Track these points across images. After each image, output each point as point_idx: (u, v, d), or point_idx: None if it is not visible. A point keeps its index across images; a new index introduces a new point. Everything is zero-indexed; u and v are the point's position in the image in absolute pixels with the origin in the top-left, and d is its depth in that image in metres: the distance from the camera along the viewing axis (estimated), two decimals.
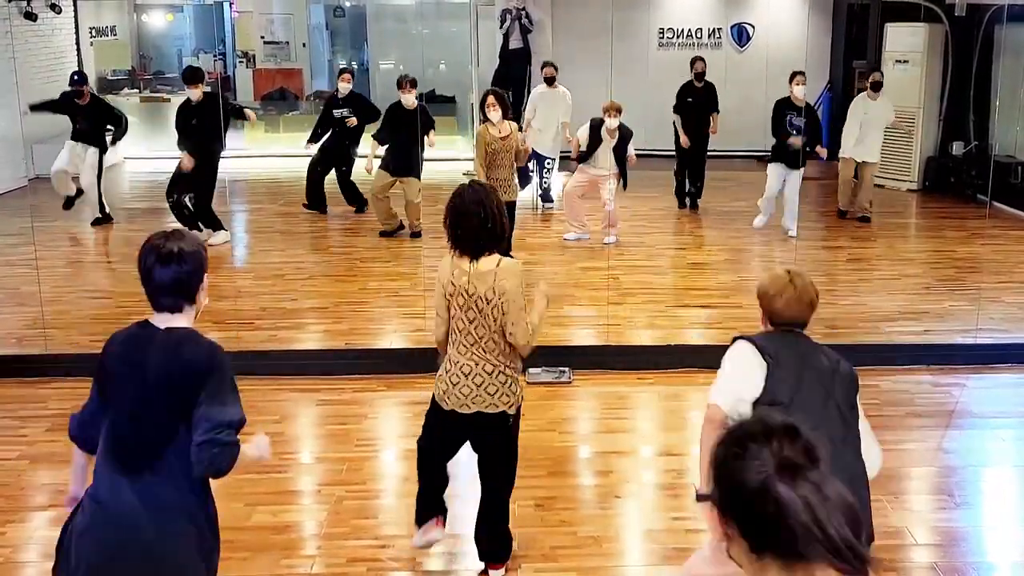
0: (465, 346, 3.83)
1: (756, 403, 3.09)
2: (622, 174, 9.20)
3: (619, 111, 9.05)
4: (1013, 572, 4.34)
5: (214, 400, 2.72)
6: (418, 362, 4.09)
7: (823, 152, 9.96)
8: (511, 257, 4.11)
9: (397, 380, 6.14)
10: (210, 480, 2.83)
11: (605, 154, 9.16)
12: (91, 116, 9.72)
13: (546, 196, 10.73)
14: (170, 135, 9.59)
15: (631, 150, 9.21)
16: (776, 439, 1.59)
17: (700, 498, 2.26)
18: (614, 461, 5.27)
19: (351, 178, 10.41)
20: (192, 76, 9.22)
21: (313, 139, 10.30)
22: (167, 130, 9.57)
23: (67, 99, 9.70)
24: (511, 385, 3.87)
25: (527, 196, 10.57)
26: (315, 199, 10.42)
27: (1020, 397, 6.18)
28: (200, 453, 2.70)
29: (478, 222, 3.73)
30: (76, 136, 9.78)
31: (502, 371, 3.83)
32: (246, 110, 10.02)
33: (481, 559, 4.19)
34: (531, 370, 6.22)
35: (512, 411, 3.90)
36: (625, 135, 9.12)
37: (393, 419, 5.92)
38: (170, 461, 2.74)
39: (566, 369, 6.32)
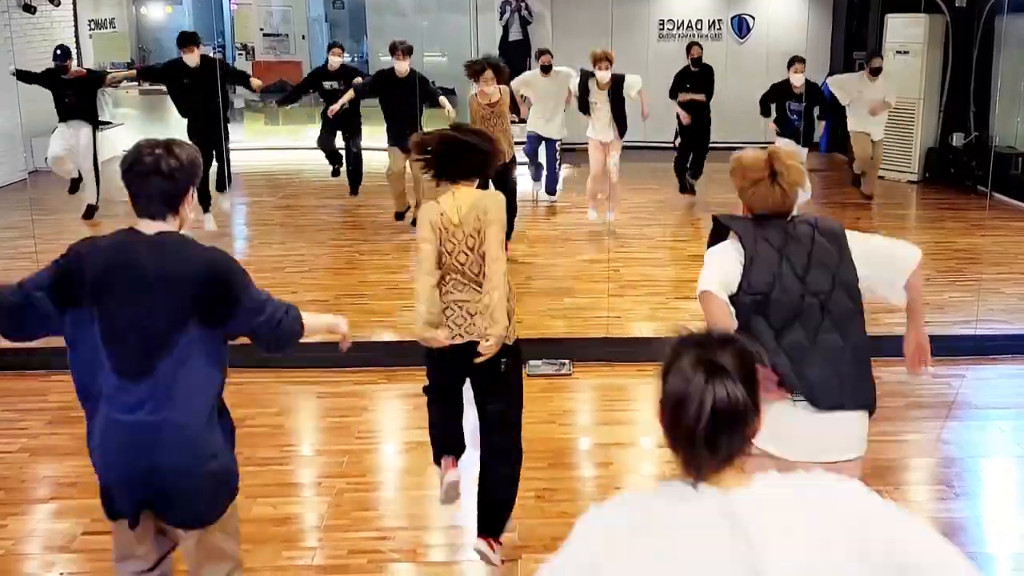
0: (464, 283, 3.84)
1: (736, 292, 3.07)
2: (620, 128, 9.07)
3: (610, 61, 8.88)
4: (1013, 562, 4.34)
5: (246, 291, 2.83)
6: (418, 354, 4.09)
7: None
8: None
9: (397, 372, 6.14)
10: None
11: (603, 111, 9.04)
12: (79, 90, 9.56)
13: (550, 188, 10.65)
14: (170, 129, 9.56)
15: (634, 94, 9.03)
16: (710, 345, 1.76)
17: None
18: (614, 453, 5.27)
19: (360, 160, 10.39)
20: (186, 39, 9.01)
21: (286, 101, 10.59)
22: (167, 123, 9.54)
23: (52, 75, 9.55)
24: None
25: (526, 189, 10.56)
26: (334, 158, 10.41)
27: (1020, 388, 6.19)
28: (270, 326, 2.85)
29: (463, 147, 3.85)
30: (63, 114, 9.61)
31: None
32: (251, 79, 9.70)
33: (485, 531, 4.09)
34: (531, 362, 6.22)
35: (507, 343, 3.87)
36: (618, 82, 8.94)
37: (393, 412, 5.93)
38: (177, 357, 2.72)
39: (566, 361, 6.32)
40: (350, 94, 9.63)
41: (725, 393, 1.70)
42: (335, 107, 9.64)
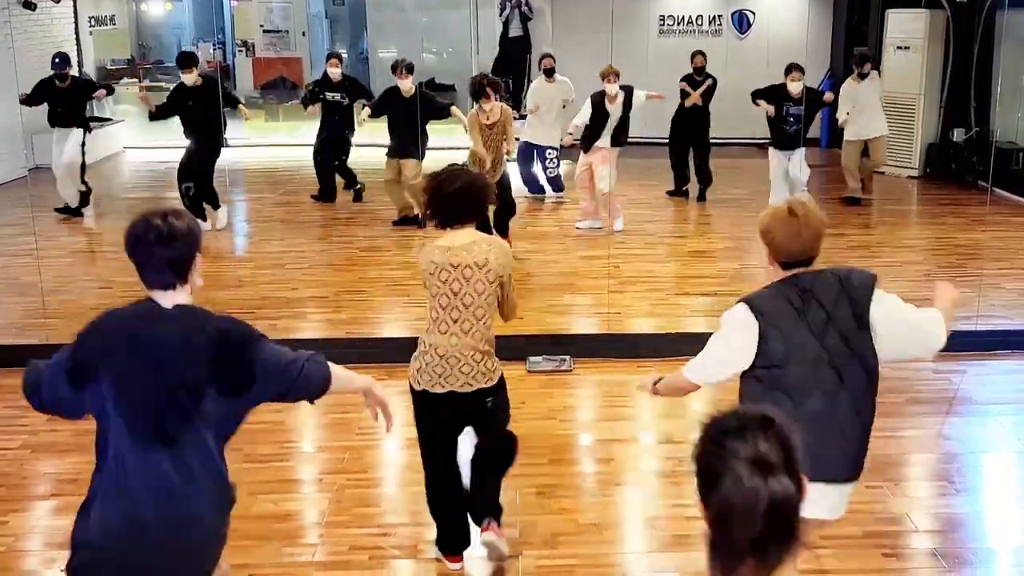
0: (447, 324, 3.83)
1: (752, 367, 3.07)
2: (622, 137, 9.12)
3: (617, 75, 8.96)
4: (1014, 557, 4.35)
5: (267, 350, 2.83)
6: None
7: (830, 97, 9.90)
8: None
9: (398, 369, 6.10)
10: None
11: (610, 124, 9.10)
12: (72, 98, 9.57)
13: (556, 185, 10.67)
14: (169, 125, 9.56)
15: (641, 96, 9.12)
16: (751, 433, 1.65)
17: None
18: (615, 449, 5.28)
19: (348, 163, 10.53)
20: (186, 60, 9.23)
21: (308, 103, 10.58)
22: (166, 121, 9.56)
23: (47, 84, 9.52)
24: (486, 362, 3.87)
25: (519, 186, 10.56)
26: (325, 191, 10.46)
27: (1020, 383, 6.19)
28: (297, 377, 2.87)
29: (459, 189, 3.82)
30: (53, 121, 9.63)
31: (478, 349, 3.84)
32: (240, 105, 10.11)
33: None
34: (532, 358, 6.23)
35: (488, 385, 3.88)
36: (628, 93, 9.01)
37: (394, 408, 5.91)
38: (198, 430, 2.71)
39: (567, 357, 6.32)
40: (367, 111, 9.80)
41: (781, 494, 1.60)
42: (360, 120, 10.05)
